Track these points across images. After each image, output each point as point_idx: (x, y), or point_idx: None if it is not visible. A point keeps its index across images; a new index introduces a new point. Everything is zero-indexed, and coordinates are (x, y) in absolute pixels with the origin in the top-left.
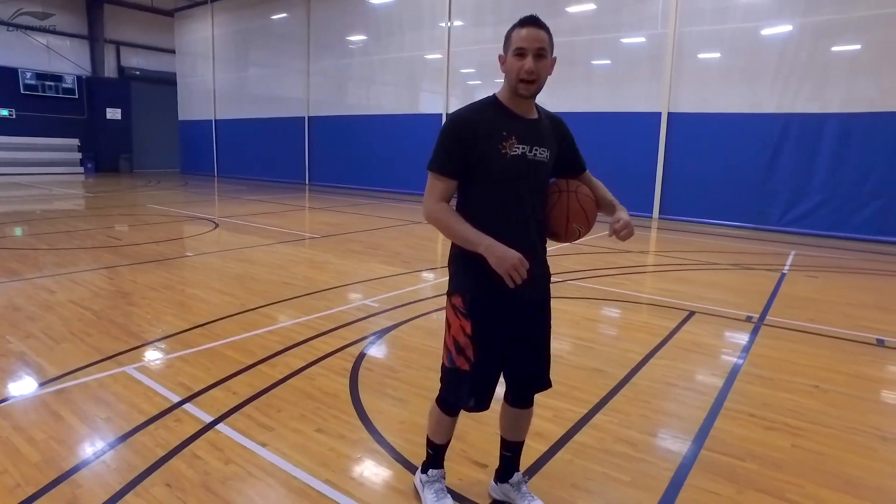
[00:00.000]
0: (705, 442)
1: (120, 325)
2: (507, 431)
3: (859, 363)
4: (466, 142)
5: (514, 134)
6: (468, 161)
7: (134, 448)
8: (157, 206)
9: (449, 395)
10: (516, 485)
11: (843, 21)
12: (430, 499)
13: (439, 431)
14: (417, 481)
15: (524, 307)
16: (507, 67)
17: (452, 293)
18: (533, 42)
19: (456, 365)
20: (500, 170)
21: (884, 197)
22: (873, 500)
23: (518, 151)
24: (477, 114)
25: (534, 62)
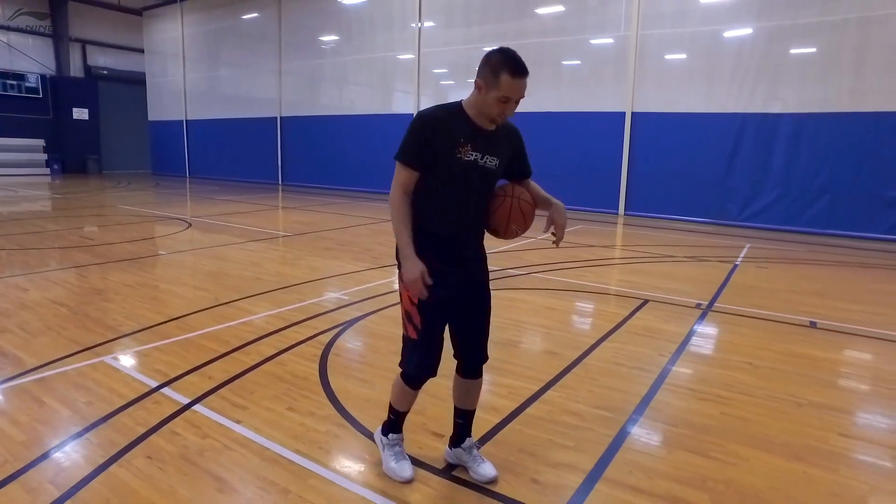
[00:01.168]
0: (644, 412)
1: (96, 319)
2: (459, 401)
3: (791, 342)
4: (430, 140)
5: (470, 142)
6: (430, 157)
7: (115, 427)
8: (128, 206)
9: (407, 366)
10: (468, 449)
11: (795, 26)
12: (389, 458)
13: (402, 400)
14: (378, 438)
15: (461, 283)
16: (485, 101)
17: (400, 266)
18: (519, 93)
19: (407, 333)
20: (454, 171)
21: (831, 192)
22: (780, 453)
23: (471, 158)
24: (444, 117)
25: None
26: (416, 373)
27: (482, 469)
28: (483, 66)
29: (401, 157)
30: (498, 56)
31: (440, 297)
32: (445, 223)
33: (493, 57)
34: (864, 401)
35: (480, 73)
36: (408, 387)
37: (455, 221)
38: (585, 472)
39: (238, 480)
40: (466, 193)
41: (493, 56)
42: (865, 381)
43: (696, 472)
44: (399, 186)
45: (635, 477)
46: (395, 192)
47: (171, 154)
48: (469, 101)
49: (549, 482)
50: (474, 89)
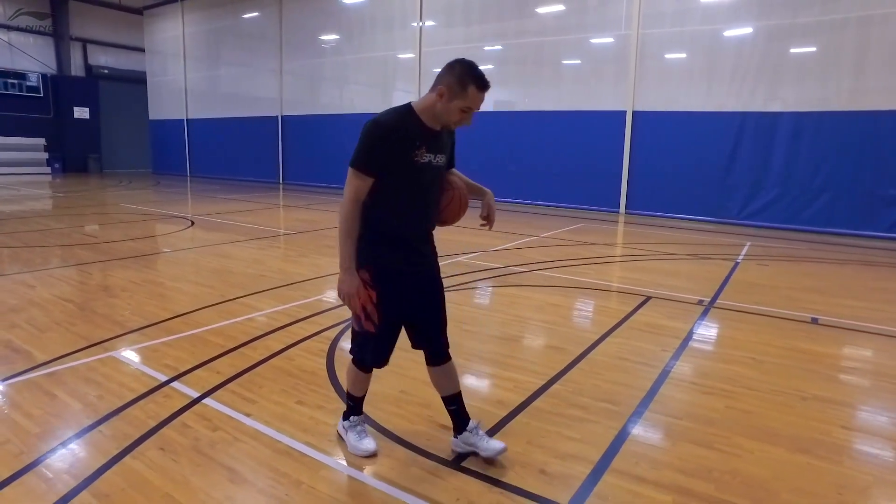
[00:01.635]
0: (649, 405)
1: (103, 315)
2: (442, 388)
3: (794, 338)
4: (385, 146)
5: (424, 144)
6: (385, 163)
7: (127, 420)
8: (130, 205)
9: (359, 355)
10: (473, 430)
11: (795, 25)
12: (353, 439)
13: (357, 386)
14: (340, 428)
15: (417, 280)
16: (445, 109)
17: (359, 268)
18: (479, 105)
19: (364, 329)
20: (411, 174)
21: (831, 191)
22: (785, 445)
23: (426, 160)
24: (399, 122)
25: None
26: (373, 363)
27: (491, 445)
28: (447, 75)
29: (358, 165)
30: (465, 67)
31: (399, 297)
32: (404, 224)
33: (460, 67)
34: (866, 395)
35: (443, 80)
36: (362, 372)
37: (414, 221)
38: (592, 463)
39: (250, 471)
40: (422, 193)
41: (459, 66)
42: (868, 376)
43: (701, 464)
44: (352, 194)
45: (641, 468)
46: (349, 201)
47: (171, 153)
48: (424, 105)
49: (556, 473)
50: (434, 95)
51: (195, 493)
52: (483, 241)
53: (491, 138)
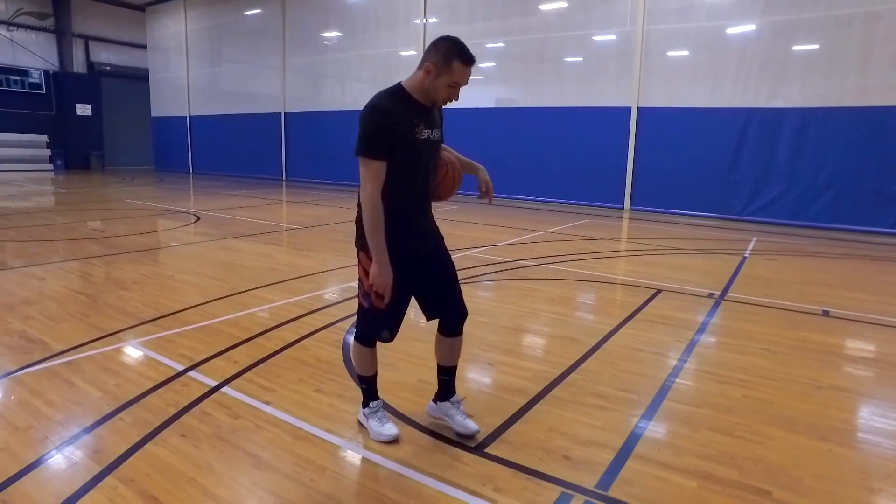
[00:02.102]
0: (667, 394)
1: (115, 306)
2: (444, 358)
3: (806, 330)
4: (388, 129)
5: (422, 121)
6: (392, 144)
7: (147, 408)
8: (134, 200)
9: (368, 330)
10: (455, 403)
11: (799, 21)
12: (375, 426)
13: (366, 364)
14: (361, 416)
15: (427, 257)
16: (432, 86)
17: (367, 247)
18: (466, 80)
19: (374, 306)
20: (412, 151)
21: (836, 187)
22: (805, 433)
23: (425, 136)
24: (393, 103)
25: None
26: (379, 336)
27: (467, 423)
28: (433, 52)
29: (370, 151)
30: (449, 44)
31: (410, 273)
32: (410, 200)
33: (444, 44)
34: (881, 385)
35: (430, 58)
36: (366, 347)
37: (415, 197)
38: (615, 449)
39: (273, 458)
40: (423, 169)
41: (444, 43)
42: (881, 367)
43: (723, 450)
44: (372, 182)
45: (664, 454)
46: (371, 190)
47: (174, 150)
48: (412, 83)
49: (580, 458)
50: (421, 72)
51: (220, 479)
52: (491, 236)
53: (495, 135)
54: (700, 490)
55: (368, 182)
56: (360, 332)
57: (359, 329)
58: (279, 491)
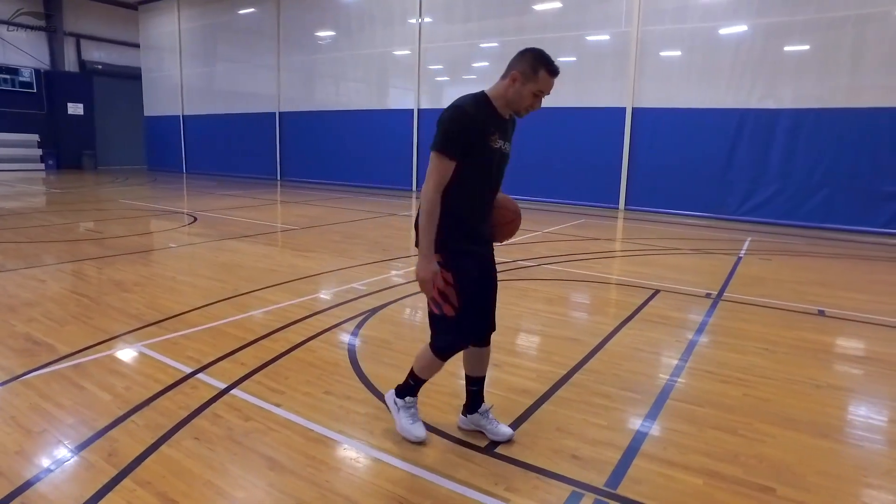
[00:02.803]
0: (670, 394)
1: (118, 308)
2: (473, 369)
3: (803, 329)
4: (468, 131)
5: (497, 131)
6: (467, 148)
7: (158, 410)
8: (129, 201)
9: (441, 341)
10: (485, 413)
11: (792, 23)
12: (405, 420)
13: (428, 370)
14: (391, 400)
15: (482, 261)
16: (519, 93)
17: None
18: (550, 90)
19: (443, 312)
20: (485, 159)
21: (829, 187)
22: (806, 430)
23: (498, 145)
24: (476, 108)
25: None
26: (459, 344)
27: (501, 429)
28: (520, 61)
29: (443, 149)
30: (537, 53)
31: (476, 277)
32: (477, 207)
33: (531, 54)
34: (878, 383)
35: (517, 66)
36: (439, 359)
37: (481, 205)
38: (622, 448)
39: (287, 460)
40: (491, 178)
41: (531, 53)
42: (877, 365)
43: (727, 448)
44: (435, 179)
45: (670, 452)
46: (432, 186)
47: (167, 149)
48: (496, 92)
49: (588, 457)
50: (506, 80)
51: (236, 480)
52: None
53: None
54: (706, 487)
55: (433, 178)
56: (436, 343)
57: (435, 340)
58: (296, 492)
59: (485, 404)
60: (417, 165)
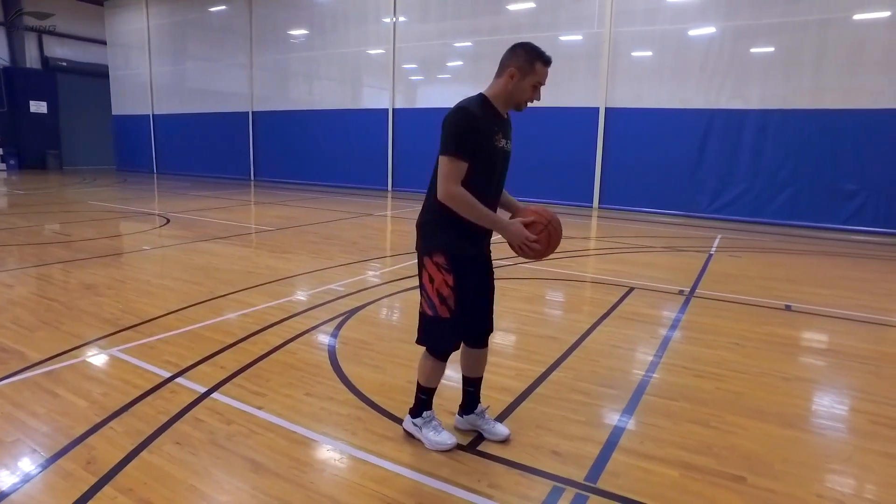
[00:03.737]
0: (646, 389)
1: (92, 313)
2: (471, 370)
3: (772, 324)
4: (475, 132)
5: (500, 130)
6: (474, 148)
7: (137, 416)
8: (98, 202)
9: (432, 342)
10: (481, 413)
11: (758, 26)
12: (431, 435)
13: (433, 377)
14: (410, 425)
15: (484, 264)
16: (517, 88)
17: (433, 252)
18: (545, 80)
19: (438, 313)
20: (491, 158)
21: (794, 186)
22: (774, 421)
23: (502, 144)
24: (479, 110)
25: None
26: (450, 347)
27: (497, 429)
28: (513, 57)
29: (456, 152)
30: (529, 47)
31: (475, 278)
32: (484, 203)
33: (524, 48)
34: (841, 374)
35: (511, 62)
36: (439, 360)
37: (492, 200)
38: (601, 443)
39: (271, 462)
40: (496, 177)
41: (523, 48)
42: (840, 357)
43: (701, 441)
44: (454, 181)
45: (647, 446)
46: (454, 185)
47: (137, 149)
48: (495, 91)
49: (568, 453)
50: (503, 78)
51: (220, 484)
52: None
53: None
54: (681, 479)
55: (450, 180)
56: (428, 345)
57: (425, 341)
58: (281, 494)
59: (481, 405)
60: (393, 165)
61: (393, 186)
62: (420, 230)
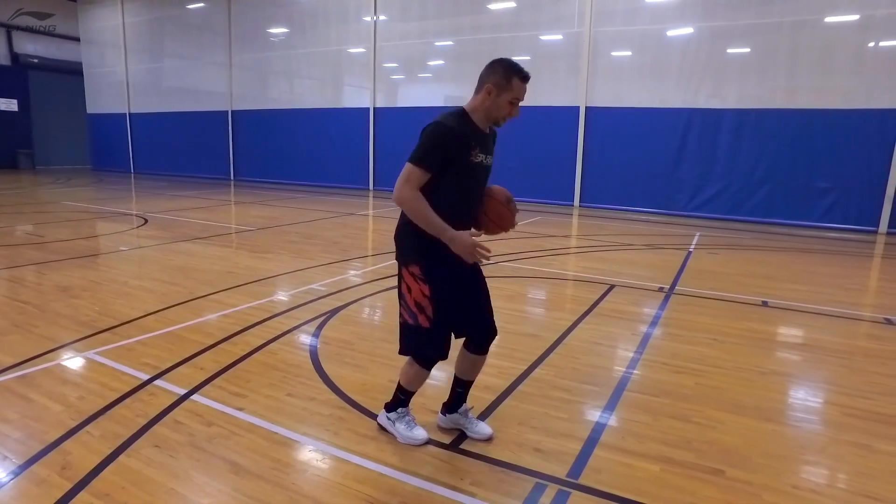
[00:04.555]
0: (627, 385)
1: (67, 316)
2: (465, 373)
3: (749, 320)
4: (448, 147)
5: (478, 145)
6: (444, 161)
7: (115, 419)
8: (73, 202)
9: (415, 350)
10: (464, 413)
11: (735, 27)
12: (403, 429)
13: (415, 382)
14: (384, 419)
15: (463, 271)
16: (494, 104)
17: (409, 263)
18: (523, 96)
19: (418, 322)
20: (466, 172)
21: (770, 184)
22: (752, 415)
23: (479, 159)
24: (458, 125)
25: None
26: (436, 355)
27: (480, 428)
28: (491, 74)
29: (420, 161)
30: (506, 63)
31: (454, 287)
32: (457, 217)
33: (501, 65)
34: (815, 368)
35: (489, 79)
36: (424, 369)
37: (464, 214)
38: (582, 439)
39: (252, 464)
40: (472, 190)
41: (500, 64)
42: (815, 352)
43: (681, 435)
44: (411, 185)
45: (628, 442)
46: (409, 190)
47: (113, 149)
48: (474, 106)
49: (551, 450)
50: (480, 94)
51: (201, 487)
52: None
53: None
54: (662, 473)
55: (406, 184)
56: (411, 352)
57: (408, 349)
58: (262, 496)
59: (465, 405)
60: (374, 164)
61: (374, 186)
62: (396, 241)
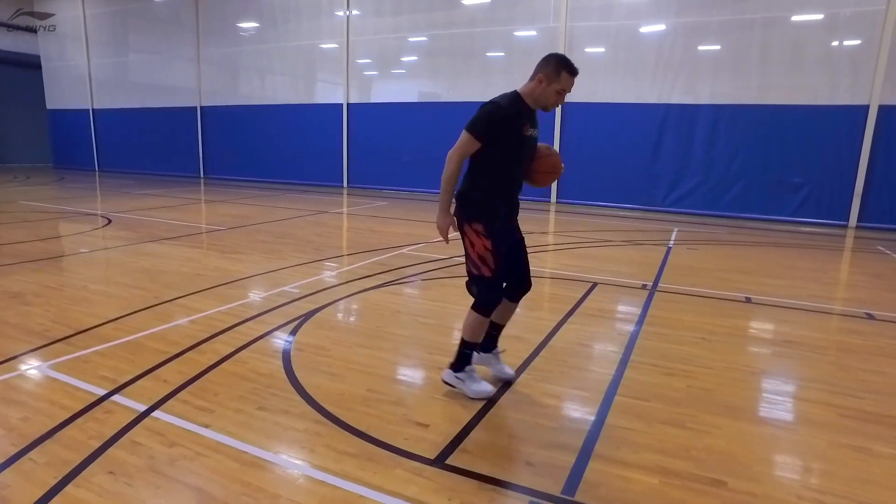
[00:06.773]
0: (617, 389)
1: (16, 325)
2: (501, 318)
3: (734, 317)
4: (501, 124)
5: (528, 121)
6: (498, 136)
7: (63, 443)
8: (32, 202)
9: (483, 301)
10: (496, 354)
11: (708, 23)
12: (473, 385)
13: (478, 331)
14: (451, 378)
15: (513, 230)
16: (544, 92)
17: (473, 220)
18: (571, 88)
19: (481, 273)
20: (519, 145)
21: (745, 179)
22: (746, 418)
23: (529, 133)
24: (512, 106)
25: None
26: (497, 300)
27: (505, 369)
28: (545, 65)
29: (475, 131)
30: (559, 58)
31: (508, 241)
32: (511, 184)
33: (554, 58)
34: (805, 367)
35: (542, 69)
36: (484, 316)
37: (517, 181)
38: (575, 451)
39: (220, 489)
40: (524, 159)
41: (554, 58)
42: (802, 349)
43: (677, 443)
44: (460, 152)
45: (623, 452)
46: (456, 156)
47: (76, 146)
48: (526, 90)
49: (543, 463)
50: (533, 82)
51: None
52: (423, 233)
53: (418, 129)
54: (662, 486)
55: (459, 151)
56: (479, 303)
57: (475, 296)
58: None
59: (498, 348)
60: (348, 161)
61: (348, 183)
62: (459, 200)
